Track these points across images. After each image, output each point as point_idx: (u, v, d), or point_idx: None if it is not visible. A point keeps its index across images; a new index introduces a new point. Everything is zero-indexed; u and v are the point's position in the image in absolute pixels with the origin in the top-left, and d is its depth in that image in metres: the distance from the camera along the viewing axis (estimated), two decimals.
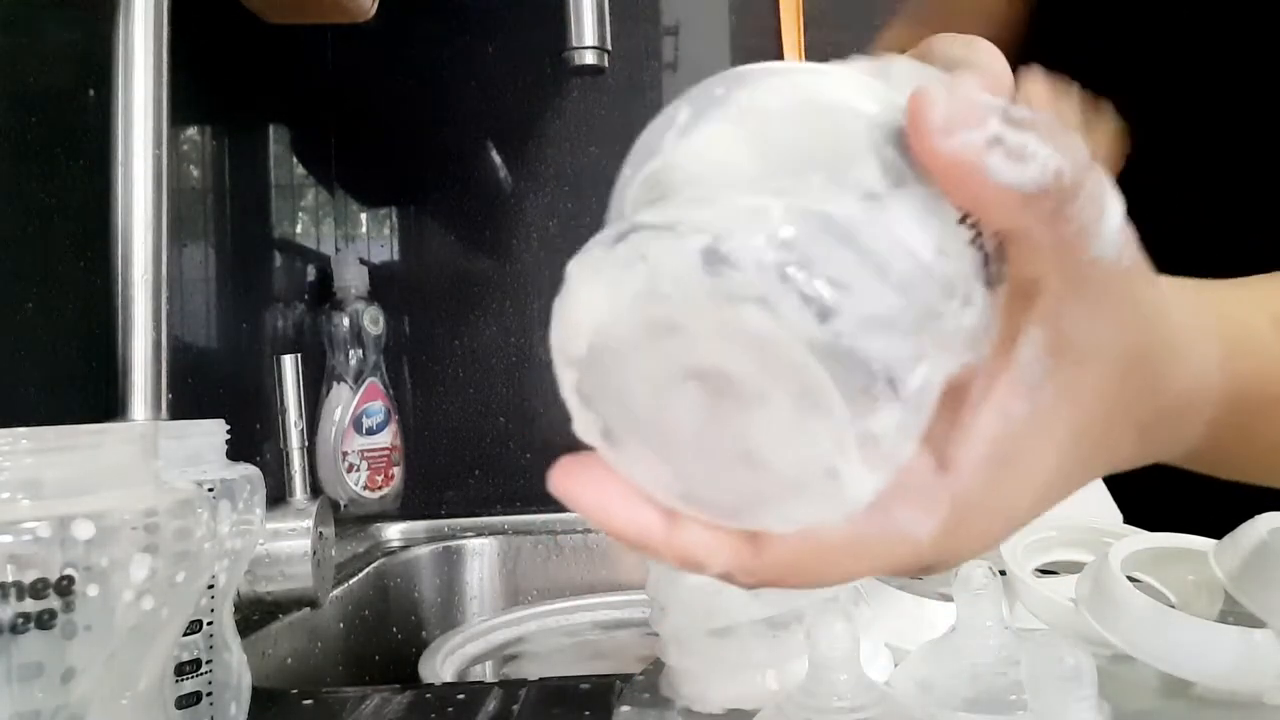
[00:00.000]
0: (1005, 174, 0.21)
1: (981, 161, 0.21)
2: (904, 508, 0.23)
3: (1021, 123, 0.22)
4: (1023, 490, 0.24)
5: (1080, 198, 0.22)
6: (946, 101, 0.21)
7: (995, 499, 0.24)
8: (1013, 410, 0.23)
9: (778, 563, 0.23)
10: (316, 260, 1.16)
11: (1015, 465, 0.24)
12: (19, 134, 0.61)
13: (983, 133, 0.21)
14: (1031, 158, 0.22)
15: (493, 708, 0.50)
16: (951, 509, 0.23)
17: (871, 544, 0.23)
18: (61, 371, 0.64)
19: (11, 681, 0.26)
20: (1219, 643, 0.43)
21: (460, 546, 1.06)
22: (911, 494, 0.23)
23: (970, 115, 0.21)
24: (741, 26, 1.24)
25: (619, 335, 0.22)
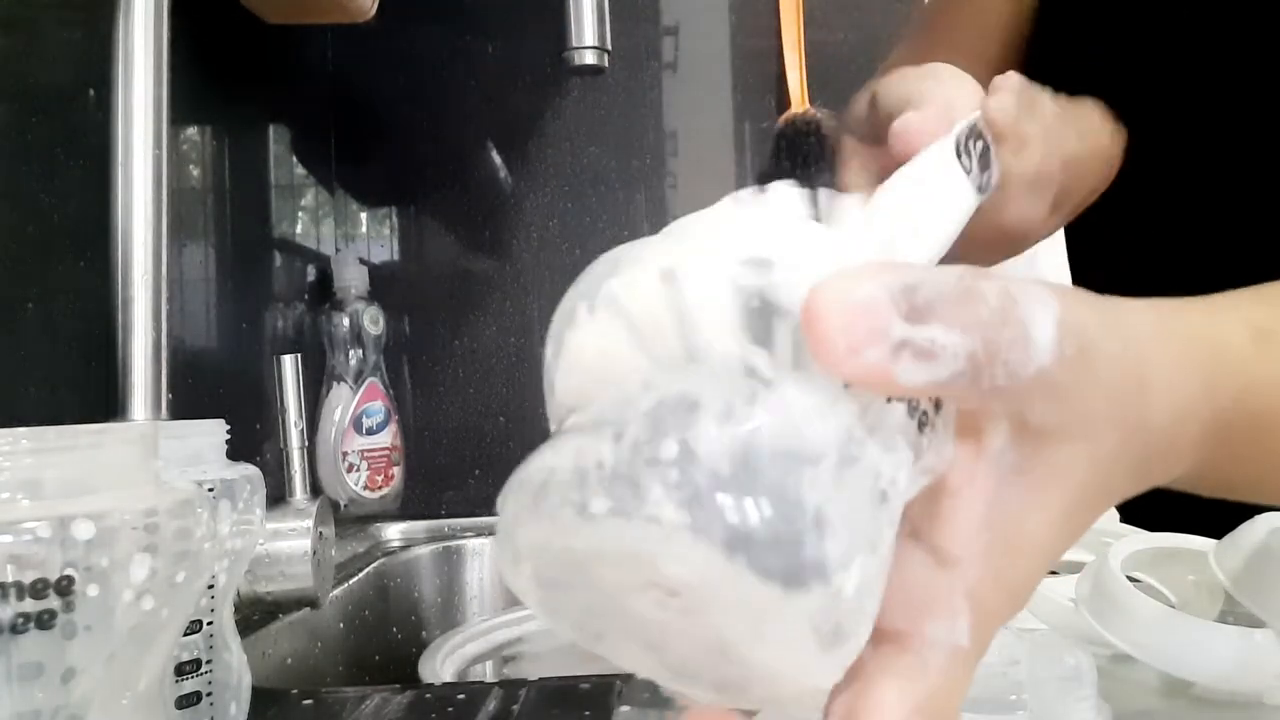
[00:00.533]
0: (915, 376, 0.21)
1: (889, 373, 0.20)
2: (932, 625, 0.23)
3: (926, 309, 0.21)
4: (1026, 568, 0.24)
5: (997, 358, 0.22)
6: (844, 315, 0.20)
7: (1006, 582, 0.24)
8: (1007, 497, 0.23)
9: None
10: (316, 260, 1.16)
11: (1018, 548, 0.24)
12: (19, 134, 0.61)
13: (887, 343, 0.20)
14: (940, 352, 0.21)
15: (493, 708, 0.50)
16: (972, 606, 0.23)
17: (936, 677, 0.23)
18: (61, 371, 0.64)
19: (11, 681, 0.26)
20: (1219, 643, 0.43)
21: (460, 546, 1.06)
22: (932, 607, 0.23)
23: (871, 329, 0.20)
24: (741, 26, 1.24)
25: (559, 569, 0.21)
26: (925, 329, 0.21)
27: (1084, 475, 0.24)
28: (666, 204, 1.23)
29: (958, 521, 0.23)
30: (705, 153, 1.24)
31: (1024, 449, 0.24)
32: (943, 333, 0.21)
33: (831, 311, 0.20)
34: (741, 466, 0.19)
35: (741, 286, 0.21)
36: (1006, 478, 0.24)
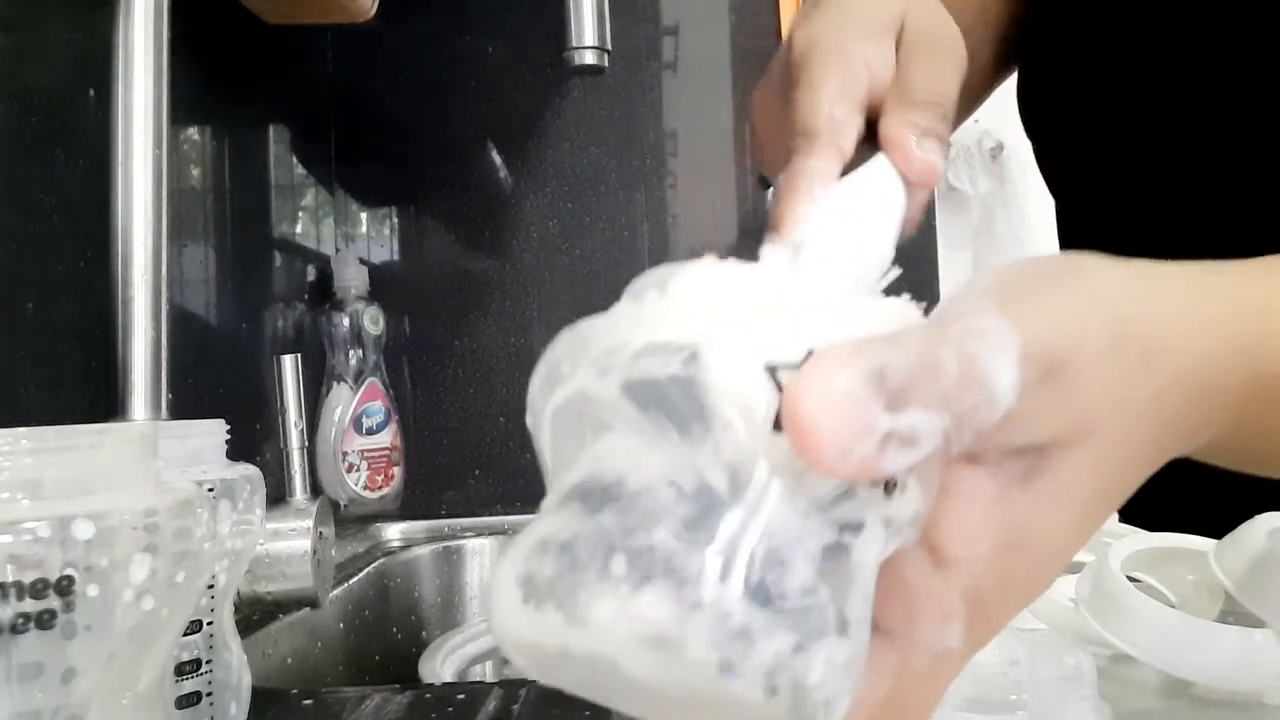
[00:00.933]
0: (899, 462, 0.21)
1: (878, 466, 0.20)
2: (922, 627, 0.23)
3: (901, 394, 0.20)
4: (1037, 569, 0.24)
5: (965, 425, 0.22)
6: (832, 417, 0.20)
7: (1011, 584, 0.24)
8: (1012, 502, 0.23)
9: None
10: (316, 260, 1.16)
11: (1026, 551, 0.24)
12: (19, 134, 0.61)
13: (874, 438, 0.20)
14: (920, 433, 0.21)
15: (493, 708, 0.50)
16: (969, 605, 0.23)
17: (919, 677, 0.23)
18: (61, 371, 0.64)
19: (11, 681, 0.26)
20: (1219, 643, 0.43)
21: (460, 546, 1.06)
22: (924, 607, 0.23)
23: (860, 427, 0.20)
24: (741, 26, 1.24)
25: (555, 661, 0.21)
26: (905, 415, 0.20)
27: (1092, 477, 0.24)
28: (666, 204, 1.23)
29: (958, 523, 0.23)
30: (705, 153, 1.24)
31: (1026, 461, 0.23)
32: (920, 416, 0.21)
33: (819, 414, 0.20)
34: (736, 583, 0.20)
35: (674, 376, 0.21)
36: (1012, 485, 0.23)
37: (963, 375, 0.22)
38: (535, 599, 0.21)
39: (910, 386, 0.21)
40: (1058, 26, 0.66)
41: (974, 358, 0.22)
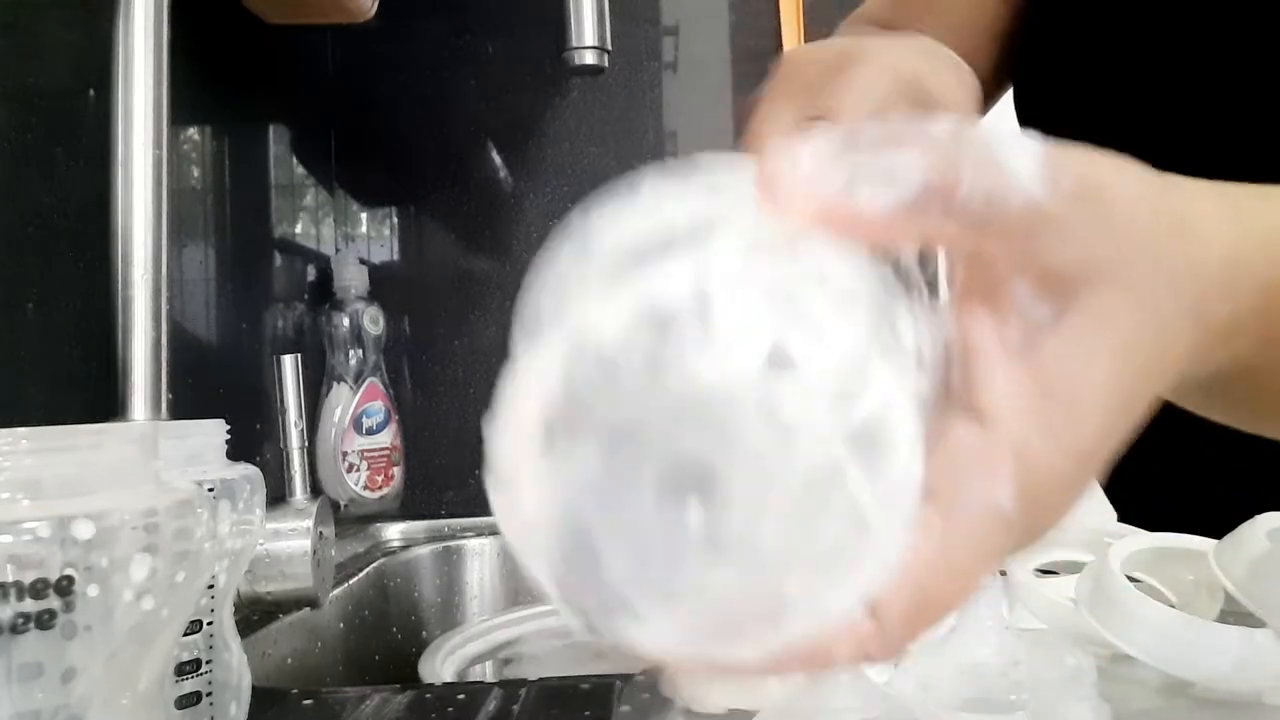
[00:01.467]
0: (880, 202, 0.21)
1: (851, 205, 0.21)
2: (972, 484, 0.21)
3: (871, 144, 0.21)
4: (1082, 420, 0.22)
5: (964, 176, 0.21)
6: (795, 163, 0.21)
7: (1063, 442, 0.22)
8: (1043, 348, 0.22)
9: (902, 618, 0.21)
10: (316, 260, 1.16)
11: (1070, 401, 0.22)
12: (19, 134, 0.61)
13: (839, 175, 0.21)
14: (896, 171, 0.21)
15: (493, 708, 0.50)
16: (1018, 461, 0.22)
17: (967, 541, 0.21)
18: (61, 371, 0.64)
19: (11, 681, 0.26)
20: (1219, 643, 0.43)
21: (460, 546, 1.06)
22: (970, 466, 0.22)
23: (823, 168, 0.21)
24: (741, 26, 1.24)
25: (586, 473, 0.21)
26: (876, 155, 0.21)
27: (1131, 321, 0.23)
28: None
29: (990, 377, 0.22)
30: (705, 153, 1.24)
31: (1054, 300, 0.22)
32: (893, 155, 0.21)
33: (782, 163, 0.21)
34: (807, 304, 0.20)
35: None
36: (1041, 330, 0.22)
37: (955, 134, 0.21)
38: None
39: (888, 136, 0.21)
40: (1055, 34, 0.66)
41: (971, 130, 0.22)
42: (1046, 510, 0.22)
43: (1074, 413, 0.22)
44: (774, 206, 0.21)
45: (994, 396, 0.22)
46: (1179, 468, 0.63)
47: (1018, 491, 0.21)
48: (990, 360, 0.22)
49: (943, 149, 0.21)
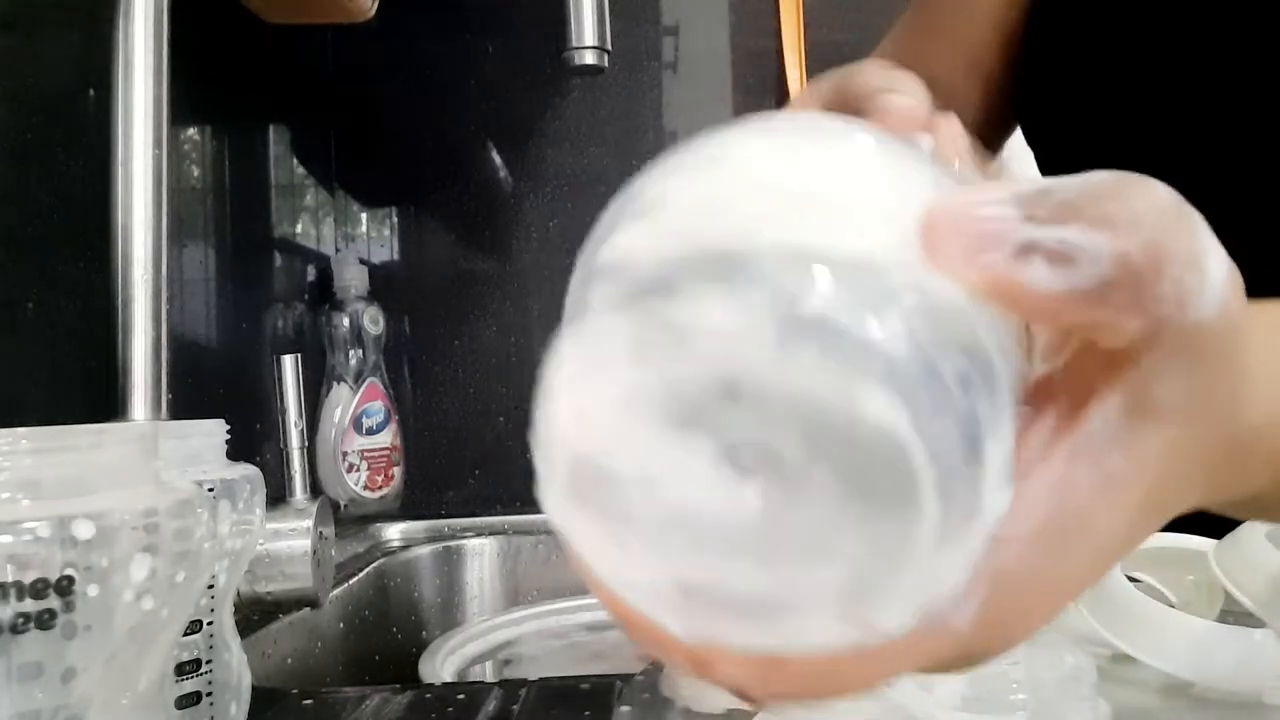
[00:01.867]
0: (1051, 282, 0.18)
1: (1014, 278, 0.18)
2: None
3: (1064, 210, 0.18)
4: (1085, 563, 0.21)
5: (1165, 275, 0.19)
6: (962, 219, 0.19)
7: (1051, 574, 0.21)
8: (1078, 479, 0.20)
9: (802, 673, 0.20)
10: (316, 260, 1.16)
11: (1078, 537, 0.20)
12: (19, 134, 0.61)
13: (1009, 244, 0.18)
14: (1079, 253, 0.18)
15: (493, 708, 0.50)
16: (993, 589, 0.20)
17: (908, 641, 0.20)
18: (61, 371, 0.64)
19: (11, 681, 0.26)
20: (1219, 643, 0.43)
21: (460, 546, 1.06)
22: None
23: (992, 231, 0.18)
24: (741, 26, 1.24)
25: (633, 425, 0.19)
26: (1058, 229, 0.18)
27: (1164, 466, 0.21)
28: None
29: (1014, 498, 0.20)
30: None
31: (1120, 424, 0.20)
32: (1081, 232, 0.18)
33: (950, 216, 0.19)
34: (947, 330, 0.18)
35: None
36: (1084, 461, 0.20)
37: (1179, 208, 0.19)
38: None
39: (1082, 203, 0.18)
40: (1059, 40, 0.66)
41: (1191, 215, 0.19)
42: (1005, 636, 0.21)
43: (1078, 553, 0.21)
44: (935, 257, 0.18)
45: (1006, 521, 0.20)
46: None
47: (982, 616, 0.20)
48: (1022, 483, 0.20)
49: (1146, 230, 0.19)
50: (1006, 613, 0.20)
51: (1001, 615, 0.20)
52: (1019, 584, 0.20)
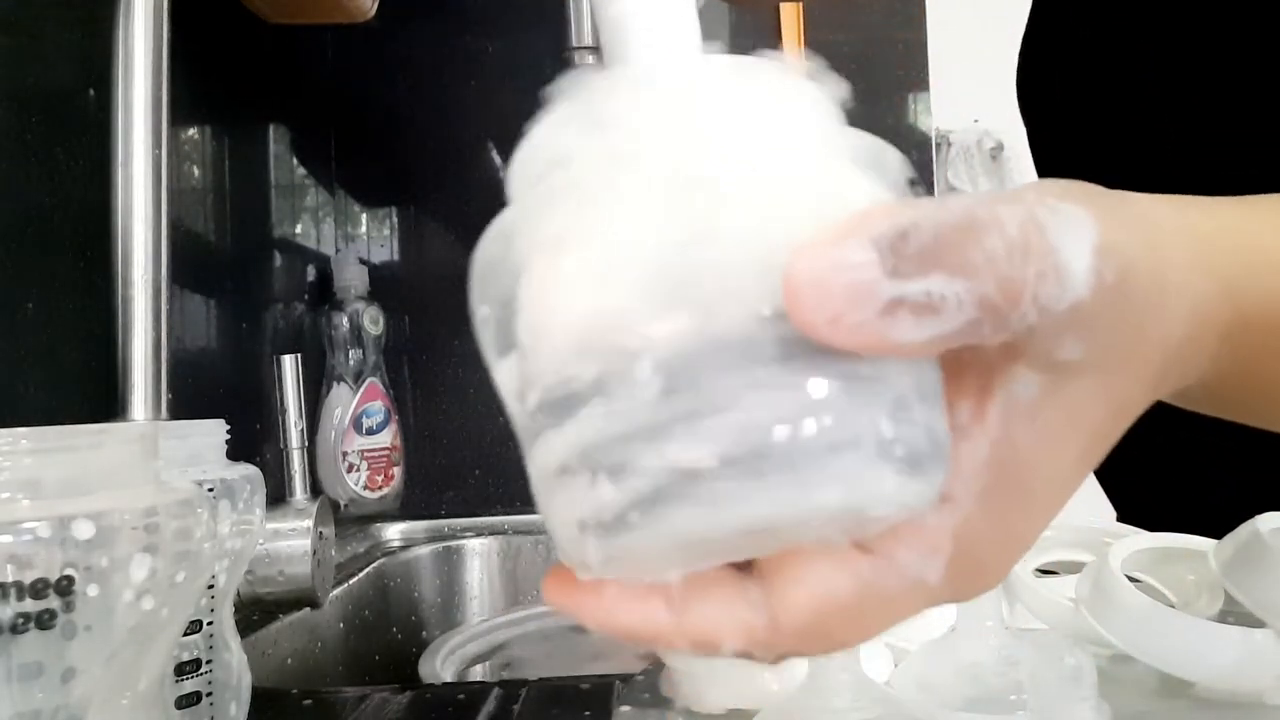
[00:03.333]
0: (915, 333, 0.19)
1: (883, 335, 0.19)
2: (906, 550, 0.22)
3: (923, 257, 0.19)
4: (1037, 511, 0.23)
5: (1023, 296, 0.20)
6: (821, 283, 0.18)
7: (1007, 526, 0.22)
8: (1016, 437, 0.22)
9: (794, 630, 0.22)
10: (316, 260, 1.16)
11: (1025, 490, 0.22)
12: (19, 134, 0.61)
13: (874, 304, 0.19)
14: (942, 303, 0.19)
15: (493, 708, 0.50)
16: (957, 545, 0.22)
17: (883, 595, 0.22)
18: (61, 371, 0.64)
19: (11, 681, 0.26)
20: (1219, 643, 0.43)
21: (460, 546, 1.06)
22: (910, 535, 0.22)
23: (853, 293, 0.18)
24: (741, 26, 1.24)
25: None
26: (921, 281, 0.19)
27: (1102, 410, 0.22)
28: None
29: (958, 459, 0.22)
30: None
31: (1042, 386, 0.22)
32: (944, 282, 0.19)
33: (808, 280, 0.19)
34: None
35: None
36: (1018, 417, 0.22)
37: (1024, 240, 0.20)
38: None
39: (939, 250, 0.19)
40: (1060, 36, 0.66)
41: (1042, 225, 0.20)
42: (974, 583, 0.23)
43: (1029, 504, 0.22)
44: (800, 318, 0.19)
45: (955, 481, 0.22)
46: (1179, 468, 0.64)
47: (949, 570, 0.22)
48: (963, 444, 0.22)
49: (1002, 268, 0.19)
50: (971, 566, 0.22)
51: (967, 568, 0.22)
52: (978, 539, 0.22)
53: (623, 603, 0.22)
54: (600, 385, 0.20)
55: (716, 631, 0.22)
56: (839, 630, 0.22)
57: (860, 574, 0.22)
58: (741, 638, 0.22)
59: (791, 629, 0.22)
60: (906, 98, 1.25)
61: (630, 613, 0.22)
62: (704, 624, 0.22)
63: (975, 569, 0.22)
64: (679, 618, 0.22)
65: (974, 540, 0.22)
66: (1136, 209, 0.24)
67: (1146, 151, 0.63)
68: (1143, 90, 0.62)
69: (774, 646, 0.22)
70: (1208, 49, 0.59)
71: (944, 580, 0.22)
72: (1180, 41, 0.60)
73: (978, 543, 0.22)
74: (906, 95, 1.25)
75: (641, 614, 0.22)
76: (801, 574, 0.22)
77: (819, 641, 0.22)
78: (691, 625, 0.22)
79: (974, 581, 0.23)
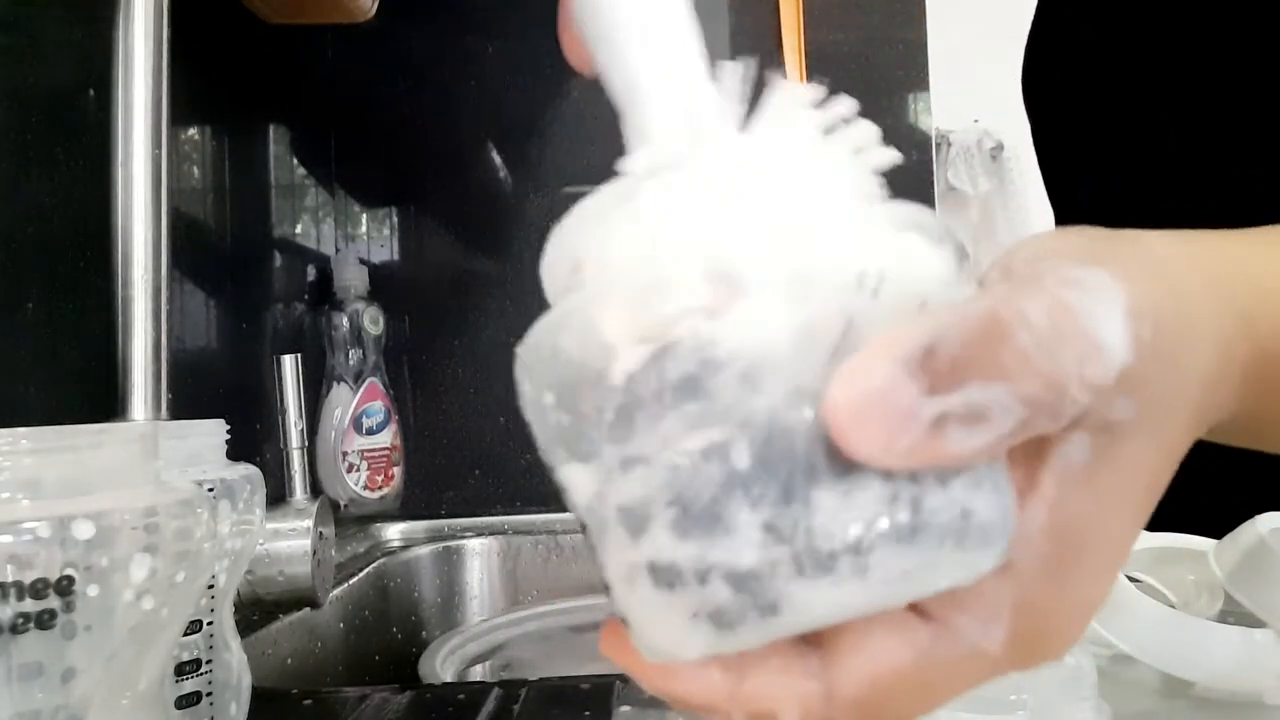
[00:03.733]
0: (972, 440, 0.19)
1: (939, 449, 0.19)
2: (965, 617, 0.21)
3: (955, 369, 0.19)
4: (1098, 573, 0.22)
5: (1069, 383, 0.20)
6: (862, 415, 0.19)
7: (1069, 591, 0.22)
8: (1069, 500, 0.21)
9: (851, 700, 0.21)
10: (316, 260, 1.16)
11: (1085, 552, 0.22)
12: (19, 134, 0.61)
13: (919, 425, 0.19)
14: (988, 410, 0.19)
15: (493, 708, 0.50)
16: (1017, 612, 0.21)
17: (942, 666, 0.21)
18: (61, 371, 0.64)
19: (11, 681, 0.26)
20: (1219, 643, 0.43)
21: (460, 546, 1.06)
22: (971, 602, 0.21)
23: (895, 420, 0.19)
24: (741, 26, 1.24)
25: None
26: (959, 393, 0.19)
27: (1154, 464, 0.22)
28: None
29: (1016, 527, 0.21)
30: None
31: (1096, 448, 0.21)
32: (983, 389, 0.19)
33: (848, 416, 0.19)
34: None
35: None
36: (1074, 481, 0.21)
37: (1056, 328, 0.20)
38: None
39: (968, 359, 0.19)
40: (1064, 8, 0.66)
41: (1070, 307, 0.20)
42: (1037, 651, 0.22)
43: (1089, 567, 0.22)
44: (854, 452, 0.19)
45: (1014, 549, 0.21)
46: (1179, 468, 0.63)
47: (1010, 638, 0.21)
48: (1019, 507, 0.21)
49: (1040, 364, 0.19)
50: (1033, 633, 0.22)
51: (1029, 636, 0.21)
52: (1038, 605, 0.21)
53: (683, 670, 0.22)
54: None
55: (773, 701, 0.22)
56: (897, 701, 0.22)
57: (918, 642, 0.21)
58: (797, 709, 0.22)
59: (848, 699, 0.21)
60: (906, 98, 1.25)
61: (689, 681, 0.22)
62: (760, 693, 0.22)
63: (1038, 636, 0.22)
64: (735, 687, 0.22)
65: (1035, 607, 0.21)
66: (1154, 254, 0.24)
67: (1148, 149, 0.63)
68: (1144, 88, 0.62)
69: (831, 718, 0.22)
70: (1209, 48, 0.59)
71: (1005, 648, 0.21)
72: (1182, 40, 0.60)
73: (1039, 610, 0.22)
74: (906, 95, 1.25)
75: (700, 682, 0.22)
76: (860, 642, 0.21)
77: (875, 712, 0.22)
78: (748, 695, 0.22)
79: (1037, 649, 0.22)
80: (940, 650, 0.21)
